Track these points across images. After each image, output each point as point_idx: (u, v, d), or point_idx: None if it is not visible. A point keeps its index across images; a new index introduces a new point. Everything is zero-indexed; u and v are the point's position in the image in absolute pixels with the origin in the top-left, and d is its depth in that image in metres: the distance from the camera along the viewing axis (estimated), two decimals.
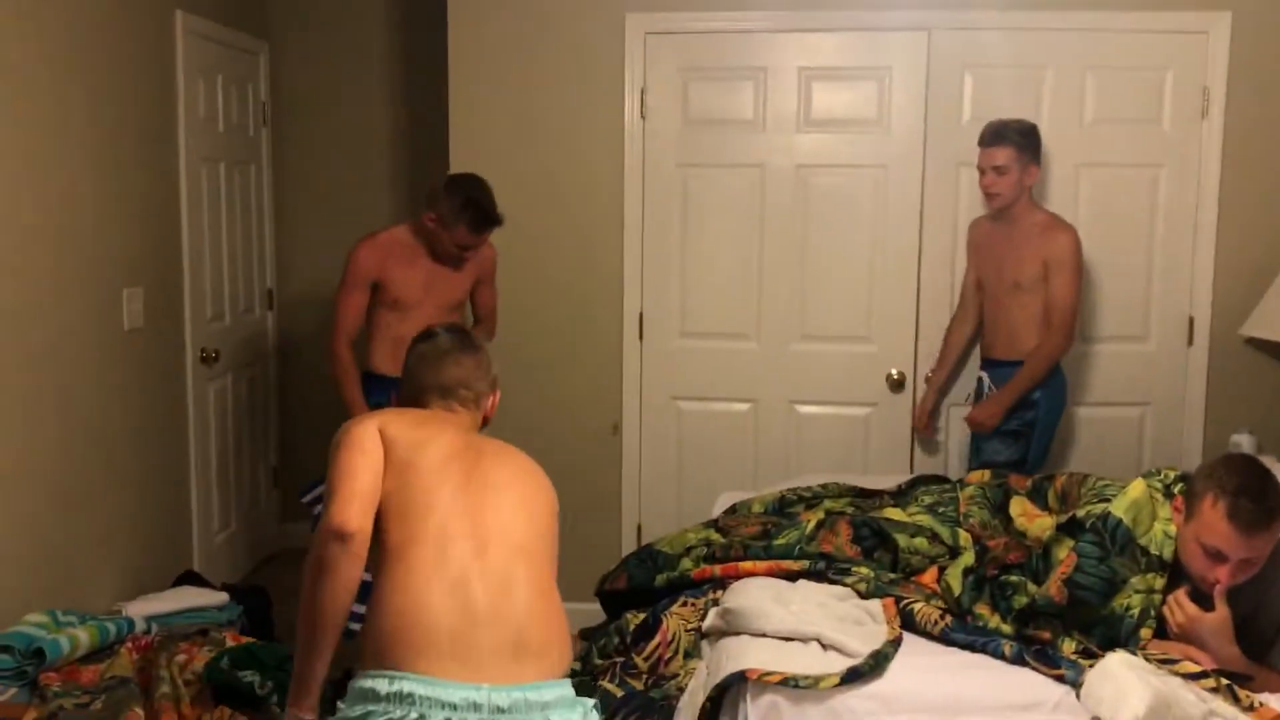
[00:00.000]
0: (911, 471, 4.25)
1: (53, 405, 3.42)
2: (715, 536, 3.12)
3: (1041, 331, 3.76)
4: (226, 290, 4.68)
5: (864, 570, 2.75)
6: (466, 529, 2.04)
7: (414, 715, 1.82)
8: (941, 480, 3.60)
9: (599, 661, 2.89)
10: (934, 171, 4.14)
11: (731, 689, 2.39)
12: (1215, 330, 4.15)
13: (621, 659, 2.79)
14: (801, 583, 2.74)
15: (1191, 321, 4.16)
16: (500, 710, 1.83)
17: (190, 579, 4.06)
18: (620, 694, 2.65)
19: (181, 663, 3.07)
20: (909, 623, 2.58)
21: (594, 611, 4.34)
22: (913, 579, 2.78)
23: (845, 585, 2.71)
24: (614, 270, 4.26)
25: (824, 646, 2.45)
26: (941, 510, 2.98)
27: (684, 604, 2.83)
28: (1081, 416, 4.21)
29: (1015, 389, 3.75)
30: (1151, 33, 4.06)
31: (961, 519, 2.93)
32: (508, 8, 4.20)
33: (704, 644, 2.74)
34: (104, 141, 3.67)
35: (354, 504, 2.01)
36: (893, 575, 2.77)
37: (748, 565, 2.84)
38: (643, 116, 4.20)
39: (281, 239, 5.17)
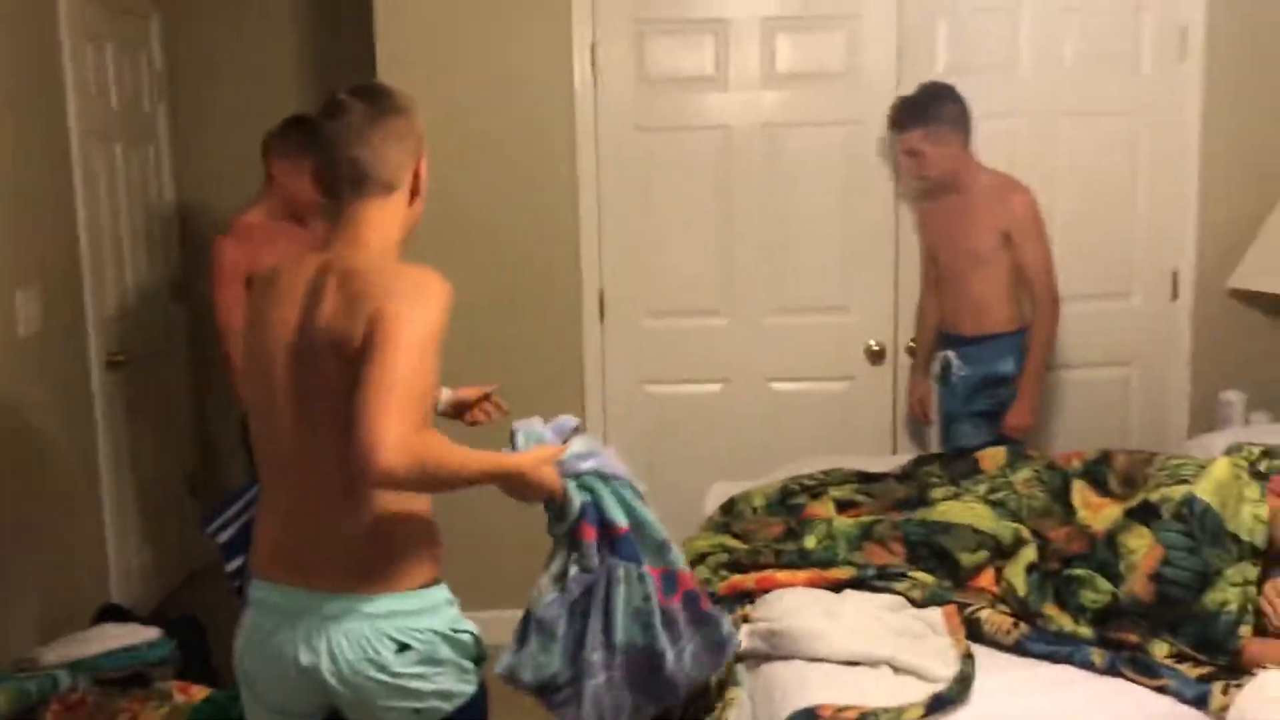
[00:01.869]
0: (894, 447, 4.01)
1: None
2: (732, 542, 2.80)
3: (1007, 302, 3.52)
4: (131, 285, 4.19)
5: (918, 575, 2.47)
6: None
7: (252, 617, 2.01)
8: (946, 459, 3.36)
9: None
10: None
11: None
12: (1200, 284, 3.98)
13: None
14: (848, 593, 2.45)
15: (1175, 275, 3.99)
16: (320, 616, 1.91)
17: (112, 613, 3.61)
18: None
19: None
20: (975, 633, 2.31)
21: None
22: (969, 583, 2.51)
23: (897, 593, 2.43)
24: (570, 246, 3.90)
25: (895, 670, 2.16)
26: (998, 497, 2.70)
27: None
28: (1064, 379, 4.01)
29: (1035, 374, 3.53)
30: None
31: (1024, 509, 2.66)
32: None
33: (739, 669, 2.43)
34: None
35: None
36: (949, 582, 2.49)
37: (785, 575, 2.53)
38: (594, 75, 3.83)
39: (187, 225, 4.67)
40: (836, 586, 2.49)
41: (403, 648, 1.90)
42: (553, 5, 3.78)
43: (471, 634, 2.01)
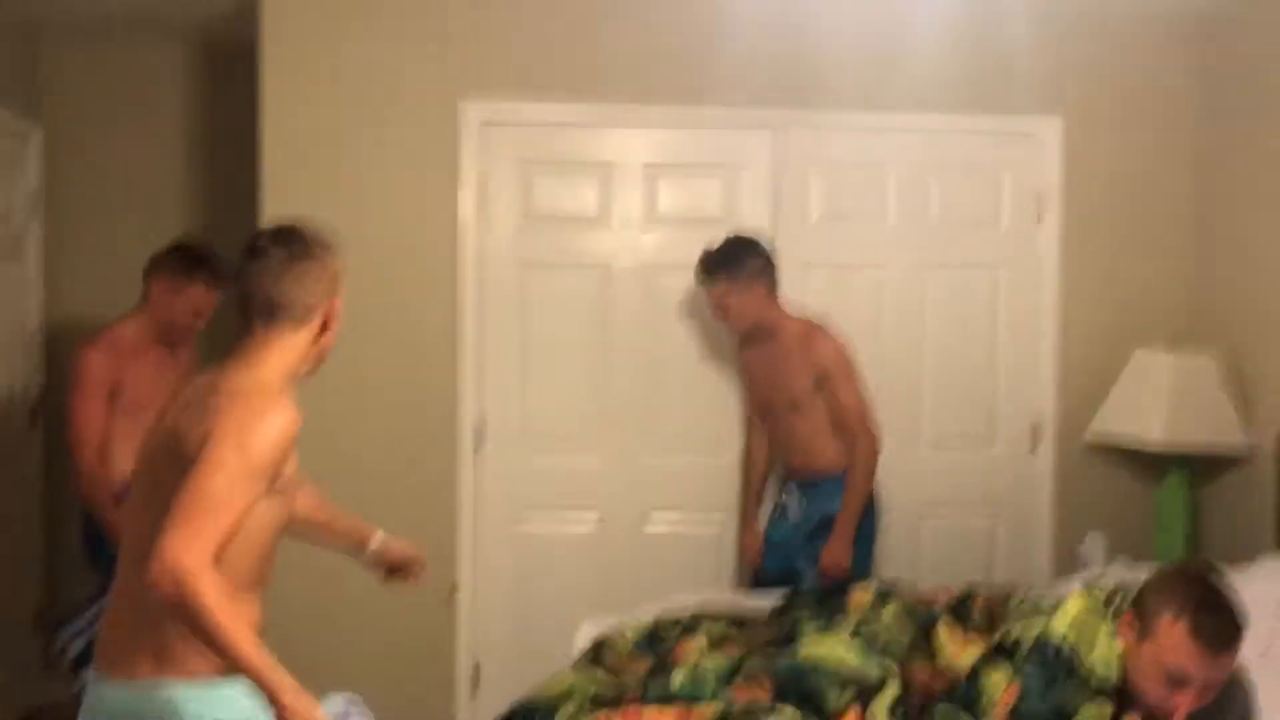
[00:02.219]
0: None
1: None
2: (601, 675, 2.74)
3: (833, 439, 3.61)
4: None
5: (785, 711, 2.44)
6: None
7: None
8: (819, 596, 3.36)
9: None
10: (783, 270, 3.97)
11: None
12: (1061, 434, 4.12)
13: None
14: None
15: (1036, 428, 4.12)
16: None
17: None
18: None
19: None
20: None
21: None
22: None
23: None
24: (448, 377, 3.88)
25: None
26: (864, 631, 2.69)
27: None
28: (929, 529, 4.08)
29: (851, 513, 3.56)
30: (987, 134, 4.07)
31: (892, 644, 2.66)
32: (327, 85, 3.81)
33: None
34: None
35: None
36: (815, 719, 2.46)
37: (652, 711, 2.47)
38: (480, 210, 3.88)
39: (53, 346, 4.52)
40: None
41: None
42: (442, 139, 3.85)
43: None
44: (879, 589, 3.18)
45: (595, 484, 3.96)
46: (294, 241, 2.07)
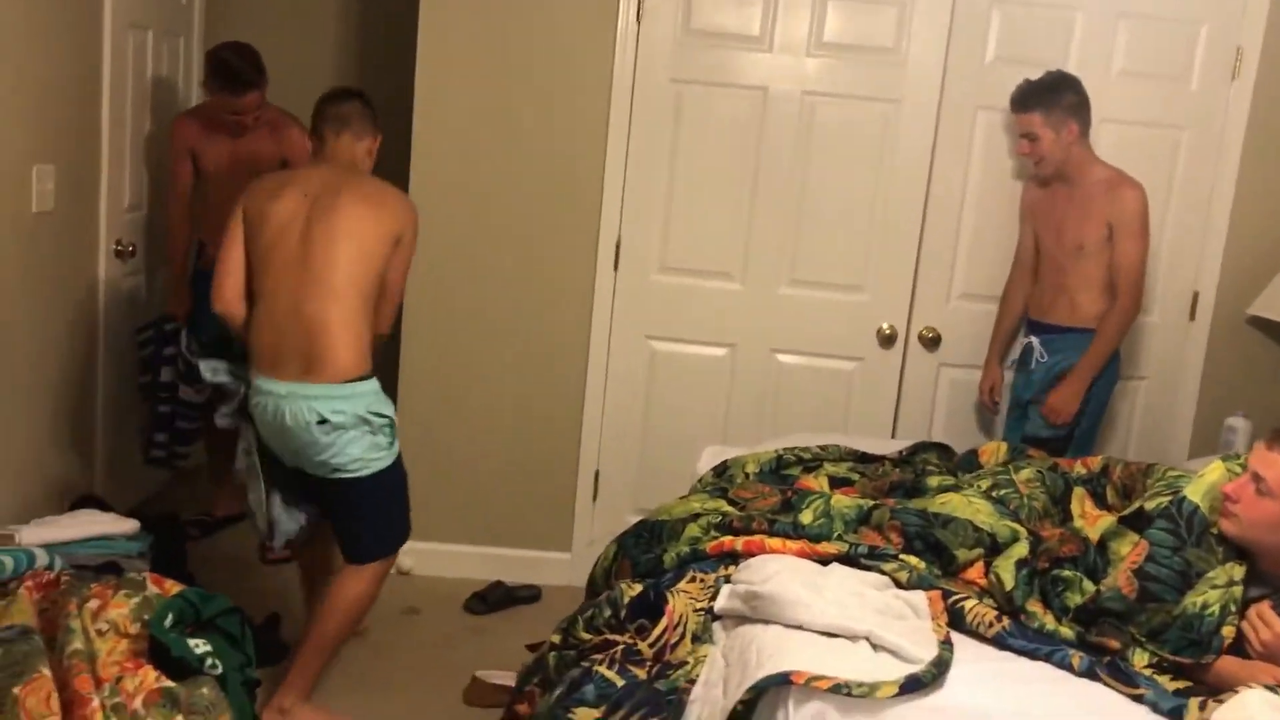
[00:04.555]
0: (894, 432, 3.99)
1: None
2: (728, 508, 2.78)
3: (1103, 297, 3.50)
4: (146, 178, 4.14)
5: (909, 559, 2.44)
6: (290, 281, 2.87)
7: (255, 397, 2.93)
8: (945, 449, 3.34)
9: (586, 635, 2.55)
10: (950, 112, 3.81)
11: (768, 691, 2.07)
12: (1219, 307, 3.95)
13: (618, 637, 2.44)
14: (835, 567, 2.43)
15: (1196, 296, 3.95)
16: (281, 395, 2.86)
17: (89, 504, 3.59)
18: (621, 683, 2.31)
19: (94, 609, 2.63)
20: (957, 621, 2.28)
21: (553, 562, 4.03)
22: (958, 575, 2.49)
23: (884, 573, 2.41)
24: (593, 194, 3.85)
25: (874, 646, 2.15)
26: (1000, 495, 2.67)
27: (691, 579, 2.50)
28: None
29: (1091, 365, 3.50)
30: None
31: (1024, 509, 2.63)
32: None
33: (716, 627, 2.41)
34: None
35: (223, 286, 2.97)
36: (939, 570, 2.47)
37: (775, 543, 2.50)
38: (638, 20, 3.77)
39: None
40: (824, 561, 2.46)
41: (323, 420, 2.83)
42: None
43: (387, 417, 2.94)
44: (1013, 447, 3.14)
45: (731, 312, 3.94)
46: (354, 95, 3.11)
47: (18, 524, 3.12)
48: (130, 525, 3.28)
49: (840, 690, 2.00)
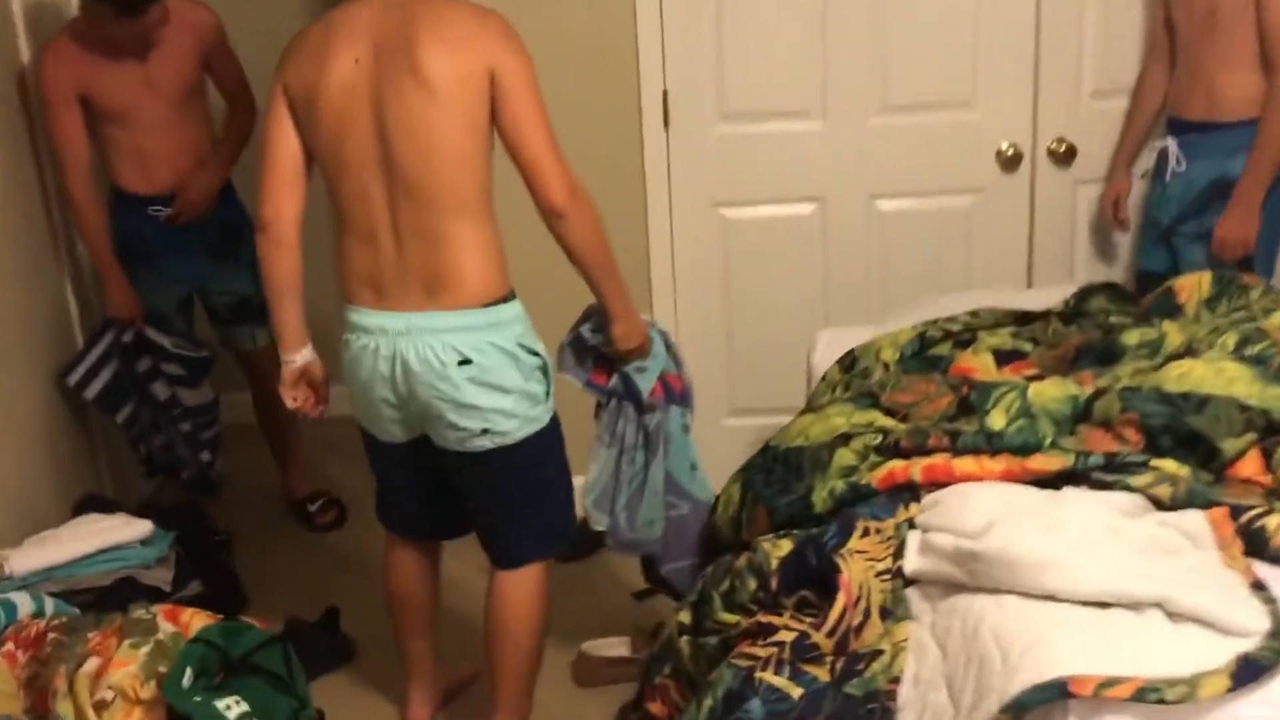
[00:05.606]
0: (1029, 278, 3.29)
1: None
2: (885, 420, 2.11)
3: (1251, 73, 2.73)
4: None
5: (1167, 466, 1.78)
6: (377, 187, 2.15)
7: (354, 336, 2.23)
8: (1117, 290, 2.66)
9: (728, 617, 1.93)
10: None
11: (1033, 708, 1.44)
12: None
13: (775, 619, 1.82)
14: (1068, 491, 1.77)
15: None
16: (400, 332, 2.15)
17: (93, 504, 3.03)
18: (798, 692, 1.69)
19: (93, 672, 2.04)
20: (1257, 546, 1.63)
21: None
22: (1226, 474, 1.82)
23: (1133, 489, 1.74)
24: (624, 35, 3.11)
25: (1168, 614, 1.50)
26: (1255, 352, 1.98)
27: (864, 532, 1.85)
28: None
29: (1258, 176, 2.72)
30: None
31: None
32: None
33: (911, 594, 1.77)
34: None
35: (267, 192, 2.20)
36: (1205, 474, 1.80)
37: (967, 464, 1.84)
38: None
39: None
40: (1041, 483, 1.80)
41: (465, 361, 2.13)
42: None
43: (540, 356, 2.21)
44: (1220, 277, 2.45)
45: (813, 158, 3.21)
46: None
47: (14, 530, 2.69)
48: (142, 528, 2.80)
49: (1147, 697, 1.36)
